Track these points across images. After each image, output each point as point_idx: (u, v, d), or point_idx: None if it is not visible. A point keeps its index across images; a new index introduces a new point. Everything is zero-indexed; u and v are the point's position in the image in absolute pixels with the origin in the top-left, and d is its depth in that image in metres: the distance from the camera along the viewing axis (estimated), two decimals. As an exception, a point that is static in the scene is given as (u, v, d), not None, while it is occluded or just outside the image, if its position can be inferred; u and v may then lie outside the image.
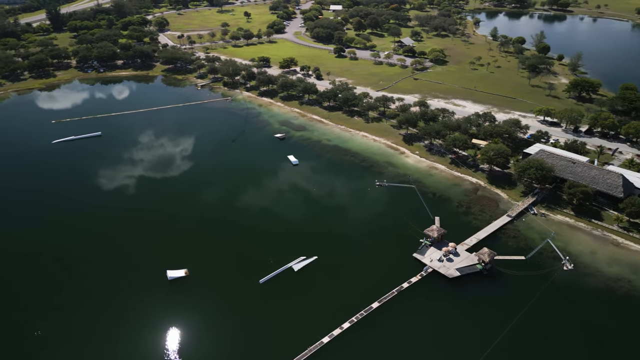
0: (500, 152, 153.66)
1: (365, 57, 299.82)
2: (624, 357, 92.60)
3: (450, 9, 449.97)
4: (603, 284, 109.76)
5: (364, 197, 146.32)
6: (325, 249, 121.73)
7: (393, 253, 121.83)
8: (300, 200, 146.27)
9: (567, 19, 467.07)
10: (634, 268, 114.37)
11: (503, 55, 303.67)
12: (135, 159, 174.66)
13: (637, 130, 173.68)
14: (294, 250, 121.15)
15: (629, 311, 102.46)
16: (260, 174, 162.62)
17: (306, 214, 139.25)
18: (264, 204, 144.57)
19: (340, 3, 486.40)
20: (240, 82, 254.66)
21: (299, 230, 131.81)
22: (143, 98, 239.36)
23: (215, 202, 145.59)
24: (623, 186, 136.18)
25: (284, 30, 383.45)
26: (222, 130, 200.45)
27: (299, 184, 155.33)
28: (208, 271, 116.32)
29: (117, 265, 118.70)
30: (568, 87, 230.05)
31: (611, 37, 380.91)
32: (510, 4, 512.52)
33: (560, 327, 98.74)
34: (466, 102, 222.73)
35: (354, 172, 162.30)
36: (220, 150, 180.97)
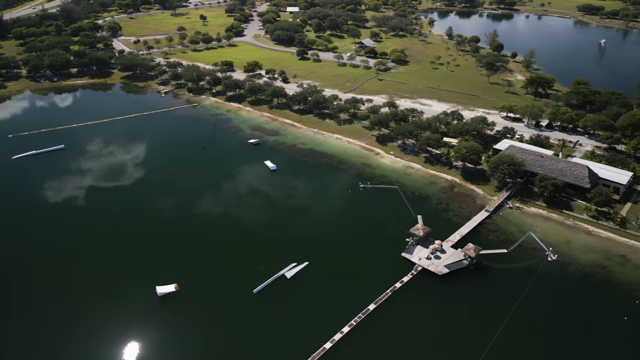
0: (472, 150, 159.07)
1: (329, 59, 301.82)
2: (608, 340, 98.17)
3: (405, 9, 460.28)
4: (581, 272, 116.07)
5: (346, 200, 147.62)
6: (315, 254, 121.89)
7: (382, 254, 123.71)
8: (284, 206, 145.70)
9: (514, 17, 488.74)
10: (607, 254, 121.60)
11: (460, 54, 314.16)
12: (103, 172, 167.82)
13: (594, 123, 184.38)
14: (283, 257, 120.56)
15: (607, 296, 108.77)
16: (238, 181, 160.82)
17: (291, 219, 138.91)
18: (247, 211, 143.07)
19: (296, 5, 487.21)
20: (206, 87, 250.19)
21: (287, 236, 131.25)
22: (104, 107, 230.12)
23: (197, 212, 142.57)
24: (589, 177, 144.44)
25: (243, 33, 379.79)
26: (192, 137, 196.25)
27: (279, 190, 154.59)
28: (199, 284, 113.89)
29: (102, 285, 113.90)
30: (525, 83, 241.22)
31: (557, 34, 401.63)
32: (460, 3, 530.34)
33: (552, 316, 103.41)
34: (432, 101, 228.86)
35: (332, 174, 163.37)
36: (193, 159, 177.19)
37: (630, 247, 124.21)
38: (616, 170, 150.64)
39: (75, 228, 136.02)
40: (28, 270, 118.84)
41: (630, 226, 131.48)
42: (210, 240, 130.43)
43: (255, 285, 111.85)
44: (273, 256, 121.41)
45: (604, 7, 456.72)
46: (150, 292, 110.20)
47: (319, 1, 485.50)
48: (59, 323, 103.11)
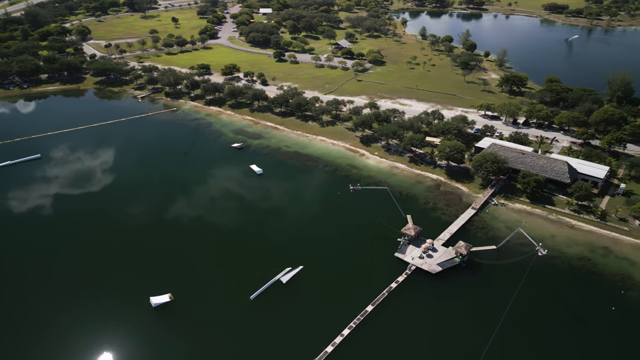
0: (456, 148, 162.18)
1: (306, 61, 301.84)
2: (599, 331, 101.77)
3: (378, 9, 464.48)
4: (567, 265, 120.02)
5: (337, 202, 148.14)
6: (309, 257, 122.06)
7: (375, 255, 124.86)
8: (274, 210, 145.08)
9: (483, 17, 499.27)
10: (590, 247, 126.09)
11: (435, 54, 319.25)
12: (83, 181, 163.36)
13: (568, 120, 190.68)
14: (277, 261, 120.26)
15: (594, 287, 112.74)
16: (225, 186, 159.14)
17: (283, 223, 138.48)
18: (237, 216, 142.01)
19: (269, 6, 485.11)
20: (184, 91, 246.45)
21: (280, 240, 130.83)
22: (79, 114, 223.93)
23: (186, 219, 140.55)
24: (569, 172, 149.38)
25: (217, 35, 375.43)
26: (173, 143, 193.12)
27: (268, 194, 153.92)
28: (193, 293, 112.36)
29: (94, 296, 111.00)
30: (500, 82, 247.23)
31: (525, 33, 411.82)
32: (430, 3, 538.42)
33: (545, 310, 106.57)
34: (411, 101, 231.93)
35: (320, 177, 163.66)
36: (176, 165, 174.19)
37: (611, 239, 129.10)
38: (593, 165, 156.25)
39: (59, 239, 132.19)
40: (15, 281, 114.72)
41: (610, 219, 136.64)
42: (201, 246, 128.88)
43: (251, 291, 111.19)
44: (267, 261, 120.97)
45: (569, 6, 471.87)
46: (144, 303, 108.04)
47: (291, 2, 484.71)
48: (49, 338, 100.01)
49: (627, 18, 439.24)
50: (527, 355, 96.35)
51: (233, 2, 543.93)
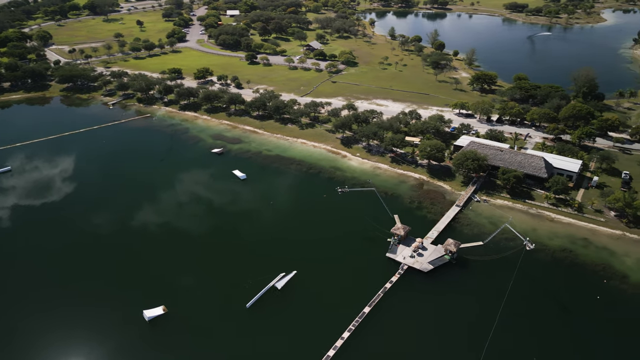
0: (437, 147, 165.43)
1: (279, 63, 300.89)
2: (588, 320, 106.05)
3: (346, 10, 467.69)
4: (551, 257, 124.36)
5: (324, 204, 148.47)
6: (301, 262, 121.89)
7: (367, 256, 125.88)
8: (262, 215, 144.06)
9: (448, 16, 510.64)
10: (571, 239, 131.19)
11: (406, 54, 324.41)
12: (60, 192, 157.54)
13: (540, 116, 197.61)
14: (270, 267, 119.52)
15: (578, 278, 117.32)
16: (209, 193, 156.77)
17: (272, 228, 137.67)
18: (225, 223, 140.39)
19: (236, 8, 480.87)
20: (156, 97, 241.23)
21: (270, 246, 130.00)
22: (48, 123, 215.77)
23: (172, 227, 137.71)
24: (545, 167, 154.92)
25: (185, 38, 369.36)
26: (150, 150, 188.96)
27: (254, 199, 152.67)
28: (187, 303, 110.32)
29: (84, 311, 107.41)
30: (471, 80, 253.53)
31: (490, 32, 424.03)
32: (396, 3, 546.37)
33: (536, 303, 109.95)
34: (387, 101, 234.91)
35: (305, 180, 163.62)
36: (156, 173, 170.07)
37: (589, 230, 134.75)
38: (567, 159, 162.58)
39: (42, 251, 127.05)
40: None
41: (587, 211, 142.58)
42: (190, 255, 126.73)
43: (246, 298, 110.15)
44: (260, 267, 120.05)
45: (528, 5, 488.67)
46: (138, 316, 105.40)
47: (259, 4, 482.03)
48: None
49: (583, 16, 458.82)
50: (528, 347, 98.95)
51: (198, 4, 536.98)
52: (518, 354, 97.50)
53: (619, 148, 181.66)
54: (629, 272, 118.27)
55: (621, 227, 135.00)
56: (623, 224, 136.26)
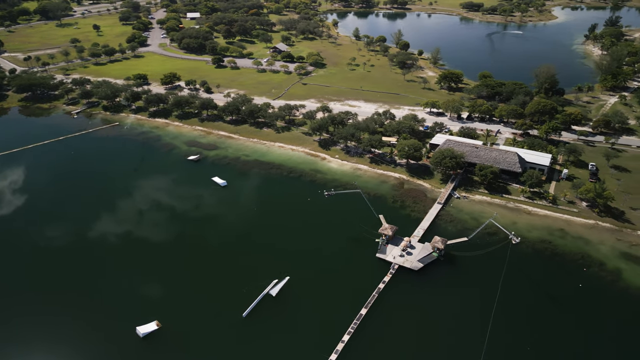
0: (415, 147, 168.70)
1: (247, 66, 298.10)
2: (574, 308, 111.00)
3: (308, 11, 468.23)
4: (532, 249, 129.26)
5: (310, 208, 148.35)
6: (293, 267, 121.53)
7: (357, 257, 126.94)
8: (247, 222, 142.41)
9: (407, 16, 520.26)
10: (549, 230, 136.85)
11: (372, 54, 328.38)
12: (37, 209, 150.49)
13: (507, 113, 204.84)
14: (262, 274, 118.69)
15: (560, 268, 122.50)
16: (191, 201, 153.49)
17: (259, 235, 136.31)
18: (211, 232, 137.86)
19: (196, 10, 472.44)
20: (124, 104, 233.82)
21: (260, 252, 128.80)
22: (9, 135, 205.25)
23: (158, 237, 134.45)
24: (519, 162, 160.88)
25: (146, 42, 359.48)
26: (122, 160, 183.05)
27: (237, 206, 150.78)
28: (181, 316, 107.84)
29: (75, 329, 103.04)
30: (438, 79, 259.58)
31: (450, 30, 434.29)
32: (357, 4, 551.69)
33: (523, 295, 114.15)
34: (359, 102, 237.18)
35: (287, 184, 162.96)
36: (131, 184, 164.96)
37: (565, 221, 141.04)
38: (538, 153, 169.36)
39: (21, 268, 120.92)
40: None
41: (560, 202, 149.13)
42: (180, 266, 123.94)
43: (241, 308, 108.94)
44: (251, 275, 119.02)
45: (484, 4, 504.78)
46: (131, 333, 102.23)
47: (220, 6, 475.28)
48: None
49: (536, 14, 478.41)
50: (524, 337, 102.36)
51: (156, 7, 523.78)
52: (517, 345, 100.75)
53: (583, 141, 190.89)
54: (605, 260, 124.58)
55: (593, 217, 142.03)
56: (595, 213, 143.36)
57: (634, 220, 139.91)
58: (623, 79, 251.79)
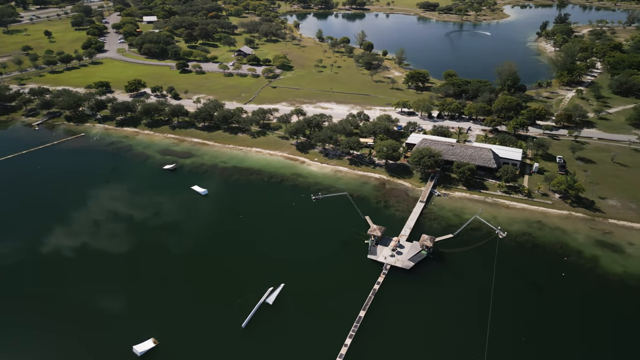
0: (393, 147, 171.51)
1: (213, 70, 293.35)
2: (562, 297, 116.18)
3: (269, 13, 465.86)
4: (515, 242, 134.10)
5: (295, 213, 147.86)
6: (287, 274, 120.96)
7: (349, 260, 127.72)
8: (234, 231, 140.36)
9: (366, 16, 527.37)
10: (527, 223, 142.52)
11: (337, 55, 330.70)
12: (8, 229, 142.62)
13: (476, 110, 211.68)
14: (255, 282, 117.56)
15: (542, 258, 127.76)
16: (172, 212, 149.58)
17: (248, 242, 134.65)
18: (198, 242, 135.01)
19: (153, 14, 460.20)
20: (87, 113, 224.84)
21: (250, 260, 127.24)
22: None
23: (144, 250, 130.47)
24: (494, 158, 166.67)
25: (103, 48, 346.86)
26: (93, 172, 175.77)
27: (221, 214, 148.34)
28: (178, 331, 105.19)
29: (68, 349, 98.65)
30: (406, 79, 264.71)
31: (409, 30, 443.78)
32: (316, 5, 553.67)
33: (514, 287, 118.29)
34: (330, 104, 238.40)
35: (269, 189, 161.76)
36: (106, 196, 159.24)
37: (541, 213, 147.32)
38: (510, 149, 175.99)
39: None
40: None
41: (535, 195, 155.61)
42: (172, 279, 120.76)
43: (239, 318, 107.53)
44: (245, 284, 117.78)
45: (439, 4, 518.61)
46: (128, 351, 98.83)
47: (178, 9, 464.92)
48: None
49: (489, 13, 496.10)
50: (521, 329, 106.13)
51: (109, 11, 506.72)
52: (516, 335, 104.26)
53: (548, 135, 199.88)
54: (582, 248, 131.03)
55: (567, 208, 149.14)
56: (567, 204, 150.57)
57: (604, 209, 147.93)
58: (578, 74, 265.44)
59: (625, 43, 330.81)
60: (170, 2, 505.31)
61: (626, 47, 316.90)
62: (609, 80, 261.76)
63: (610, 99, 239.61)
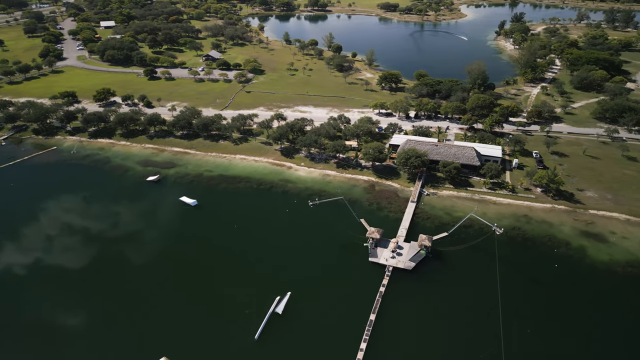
0: (379, 149, 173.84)
1: (183, 76, 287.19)
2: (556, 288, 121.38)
3: (232, 16, 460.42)
4: (506, 237, 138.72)
5: (291, 219, 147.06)
6: (291, 282, 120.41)
7: (351, 264, 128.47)
8: (232, 241, 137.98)
9: (328, 18, 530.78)
10: (515, 217, 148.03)
11: (307, 58, 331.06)
12: None
13: (452, 109, 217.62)
14: (262, 292, 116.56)
15: (534, 251, 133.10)
16: (164, 225, 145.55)
17: (249, 252, 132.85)
18: (197, 255, 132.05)
19: (111, 19, 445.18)
20: (57, 125, 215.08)
21: (253, 270, 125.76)
22: None
23: (143, 268, 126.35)
24: (477, 156, 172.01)
25: (62, 56, 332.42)
26: (74, 187, 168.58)
27: (216, 225, 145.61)
28: (190, 348, 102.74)
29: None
30: (379, 80, 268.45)
31: (373, 31, 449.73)
32: (278, 7, 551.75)
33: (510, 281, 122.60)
34: (308, 107, 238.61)
35: (260, 197, 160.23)
36: (89, 212, 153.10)
37: (526, 207, 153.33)
38: (490, 146, 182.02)
39: None
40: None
41: (519, 190, 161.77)
42: (177, 295, 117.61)
43: (250, 331, 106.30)
44: (251, 295, 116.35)
45: (399, 4, 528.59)
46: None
47: (136, 13, 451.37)
48: None
49: (448, 12, 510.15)
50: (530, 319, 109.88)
51: (63, 16, 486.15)
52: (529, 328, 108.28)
53: (521, 131, 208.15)
54: (569, 239, 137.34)
55: (549, 201, 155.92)
56: (550, 198, 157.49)
57: (584, 201, 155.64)
58: (541, 71, 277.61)
59: (580, 40, 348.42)
60: (127, 6, 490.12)
61: (581, 43, 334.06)
62: (570, 77, 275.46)
63: (573, 94, 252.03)
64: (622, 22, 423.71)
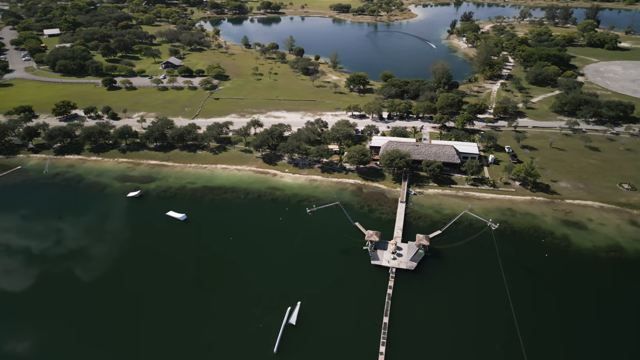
0: (363, 152, 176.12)
1: (145, 85, 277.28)
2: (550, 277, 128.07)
3: (185, 21, 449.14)
4: (496, 231, 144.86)
5: (287, 228, 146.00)
6: (299, 291, 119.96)
7: (355, 268, 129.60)
8: (232, 254, 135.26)
9: (282, 20, 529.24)
10: (500, 211, 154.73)
11: (270, 62, 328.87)
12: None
13: (424, 109, 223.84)
14: (271, 304, 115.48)
15: (522, 243, 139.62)
16: (157, 244, 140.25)
17: (250, 265, 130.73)
18: (197, 272, 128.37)
19: (54, 26, 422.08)
20: (17, 143, 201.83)
21: (257, 283, 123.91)
22: None
23: (146, 292, 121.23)
24: (457, 154, 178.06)
25: (7, 67, 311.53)
26: (46, 209, 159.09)
27: (210, 239, 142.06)
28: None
29: None
30: (347, 82, 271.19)
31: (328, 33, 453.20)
32: (230, 10, 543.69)
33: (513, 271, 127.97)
34: (281, 112, 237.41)
35: (249, 206, 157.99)
36: (69, 235, 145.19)
37: (509, 201, 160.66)
38: (467, 144, 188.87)
39: None
40: None
41: (499, 185, 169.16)
42: (189, 314, 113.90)
43: (266, 344, 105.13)
44: (260, 307, 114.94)
45: (351, 5, 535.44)
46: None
47: (82, 20, 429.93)
48: None
49: (399, 13, 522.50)
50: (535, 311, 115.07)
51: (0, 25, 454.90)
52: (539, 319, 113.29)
53: (490, 127, 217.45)
54: (553, 229, 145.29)
55: (529, 194, 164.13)
56: (528, 190, 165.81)
57: (559, 191, 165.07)
58: (498, 68, 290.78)
59: (527, 37, 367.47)
60: (71, 12, 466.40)
61: (529, 40, 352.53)
62: (524, 73, 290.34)
63: (530, 90, 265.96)
64: (561, 19, 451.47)
